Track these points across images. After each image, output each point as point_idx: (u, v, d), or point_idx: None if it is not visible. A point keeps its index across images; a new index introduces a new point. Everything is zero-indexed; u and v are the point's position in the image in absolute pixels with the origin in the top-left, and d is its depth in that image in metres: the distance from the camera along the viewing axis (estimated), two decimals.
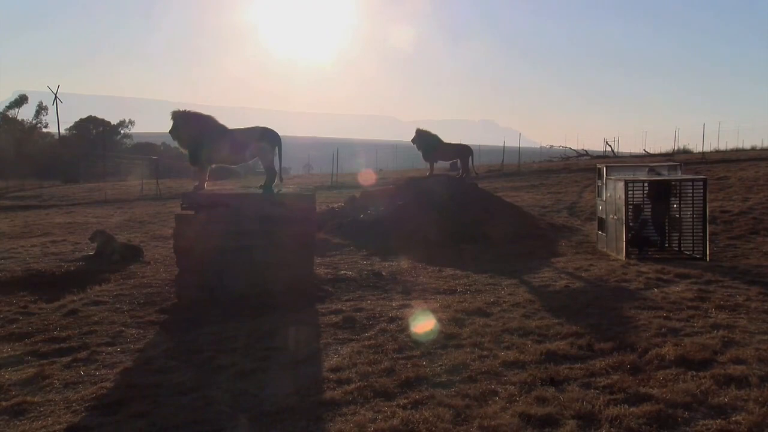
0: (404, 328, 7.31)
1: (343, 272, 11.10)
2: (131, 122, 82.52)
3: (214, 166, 10.70)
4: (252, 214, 9.49)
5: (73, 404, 5.55)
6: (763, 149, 38.27)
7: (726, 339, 6.54)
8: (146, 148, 74.36)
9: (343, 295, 9.48)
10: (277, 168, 10.38)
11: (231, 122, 10.57)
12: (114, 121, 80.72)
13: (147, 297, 9.53)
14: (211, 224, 9.33)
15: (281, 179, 10.62)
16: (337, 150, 37.19)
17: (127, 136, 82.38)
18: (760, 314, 7.60)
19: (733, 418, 4.72)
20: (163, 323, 8.18)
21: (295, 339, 7.16)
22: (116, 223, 21.09)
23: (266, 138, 10.24)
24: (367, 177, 17.61)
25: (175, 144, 10.59)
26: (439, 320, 7.55)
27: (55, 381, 6.15)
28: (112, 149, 71.33)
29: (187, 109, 10.20)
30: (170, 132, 10.14)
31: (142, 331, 7.81)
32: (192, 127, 10.06)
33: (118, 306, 9.04)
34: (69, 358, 6.81)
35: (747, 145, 44.10)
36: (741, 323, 7.17)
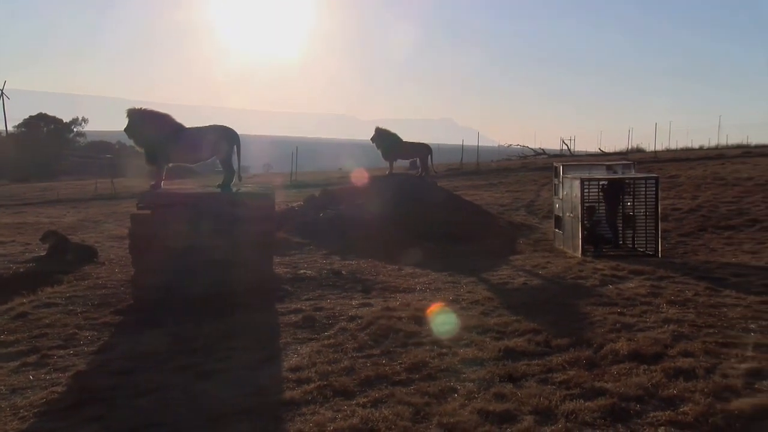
0: (364, 327, 7.32)
1: (302, 271, 11.06)
2: (84, 120, 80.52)
3: (171, 165, 10.53)
4: (210, 214, 9.38)
5: (21, 410, 5.40)
6: (710, 149, 39.41)
7: (676, 333, 6.74)
8: (101, 146, 72.76)
9: (302, 294, 9.44)
10: (235, 167, 10.27)
11: (189, 121, 10.44)
12: (66, 119, 78.71)
13: (102, 298, 9.34)
14: (168, 224, 9.19)
15: (240, 178, 10.52)
16: (297, 149, 36.98)
17: (80, 134, 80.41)
18: (707, 308, 7.85)
19: (681, 409, 4.88)
20: (119, 325, 8.03)
21: (255, 339, 7.12)
22: (70, 223, 20.59)
23: (224, 136, 10.14)
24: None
25: (131, 142, 10.40)
26: (399, 319, 7.59)
27: (1, 386, 5.98)
28: (65, 148, 69.59)
29: (143, 107, 10.03)
30: (125, 130, 9.95)
31: (96, 333, 7.65)
32: (148, 125, 9.89)
33: (71, 308, 8.83)
34: (17, 363, 6.62)
35: (696, 145, 45.34)
36: (690, 317, 7.40)
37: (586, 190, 13.00)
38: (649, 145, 41.96)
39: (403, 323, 7.41)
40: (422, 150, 18.44)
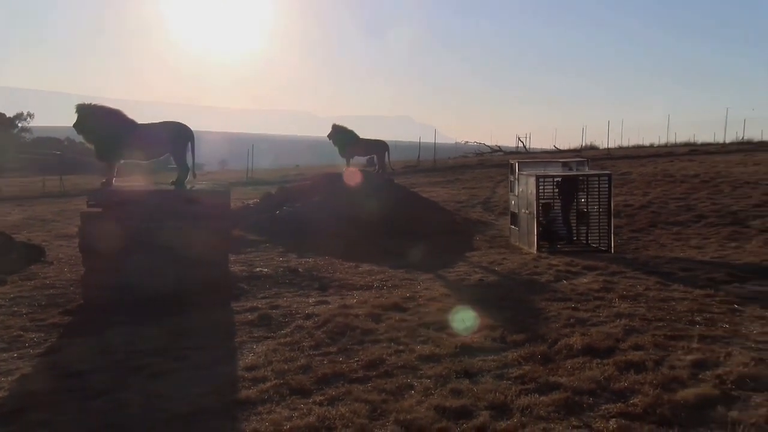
0: (321, 325, 7.31)
1: (258, 269, 10.97)
2: (30, 115, 78.06)
3: (123, 162, 10.32)
4: (164, 212, 9.23)
5: None
6: (660, 146, 40.45)
7: (627, 327, 6.92)
8: (49, 142, 70.67)
9: (258, 292, 9.37)
10: (189, 164, 10.12)
11: (141, 117, 10.23)
12: (10, 114, 76.19)
13: (49, 299, 9.10)
14: (120, 222, 9.00)
15: (194, 175, 10.37)
16: (253, 146, 36.62)
17: (26, 129, 77.96)
18: (657, 302, 8.08)
19: (631, 401, 5.01)
20: (68, 326, 7.83)
21: (211, 338, 7.03)
22: (15, 221, 19.96)
23: (178, 133, 9.98)
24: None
25: (80, 139, 10.14)
26: (356, 316, 7.59)
27: None
28: (9, 144, 67.38)
29: (94, 103, 9.79)
30: (75, 126, 9.70)
31: (43, 335, 7.44)
32: (99, 121, 9.65)
33: (15, 309, 8.57)
34: None
35: (647, 143, 46.47)
36: (641, 311, 7.60)
37: (541, 187, 13.21)
38: (602, 143, 42.89)
39: (360, 321, 7.42)
40: (379, 147, 18.48)
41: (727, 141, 38.83)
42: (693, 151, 33.62)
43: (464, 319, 7.36)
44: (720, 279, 9.53)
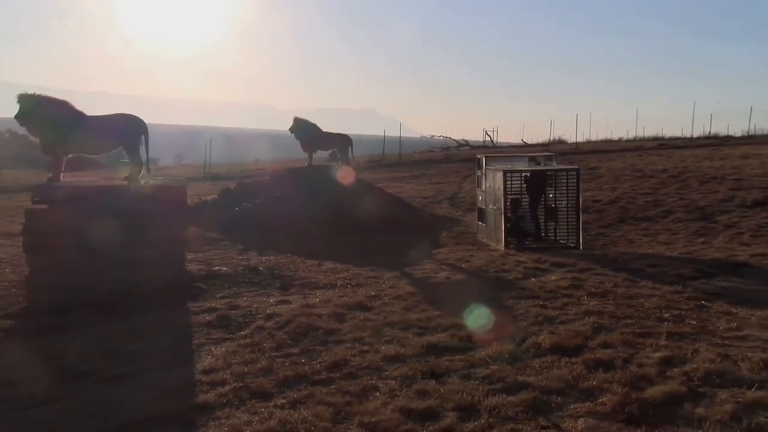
0: (282, 325, 7.27)
1: (217, 268, 10.87)
2: None
3: (71, 155, 10.09)
4: (116, 209, 9.05)
5: None
6: (629, 140, 41.16)
7: (596, 325, 7.03)
8: None
9: (217, 292, 9.28)
10: (143, 158, 9.95)
11: (91, 109, 10.02)
12: None
13: None
14: (68, 219, 8.81)
15: (148, 170, 10.21)
16: (211, 140, 36.20)
17: None
18: (625, 299, 8.23)
19: (600, 400, 5.10)
20: (11, 330, 7.63)
21: (166, 340, 6.94)
22: None
23: (131, 125, 9.80)
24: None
25: (24, 131, 9.88)
26: (318, 316, 7.57)
27: None
28: None
29: (37, 93, 9.53)
30: (17, 117, 9.42)
31: None
32: (44, 112, 9.40)
33: None
34: None
35: (615, 136, 47.27)
36: (609, 309, 7.73)
37: (508, 182, 13.32)
38: (570, 137, 43.45)
39: (323, 321, 7.40)
40: (342, 141, 18.44)
41: (695, 135, 39.72)
42: (661, 145, 34.30)
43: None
44: (688, 275, 9.76)
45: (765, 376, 5.46)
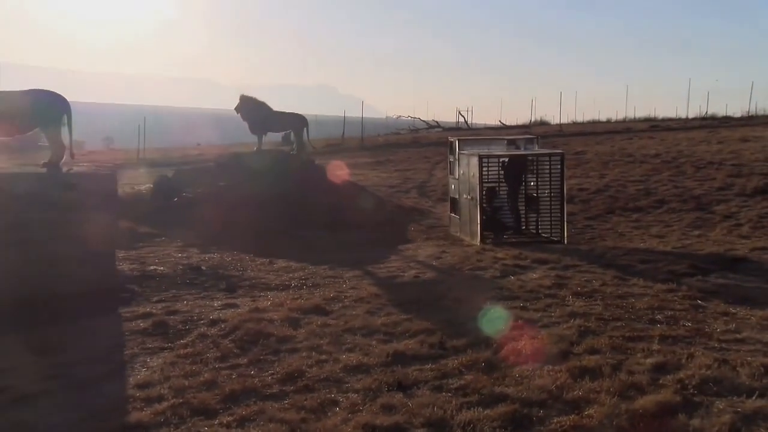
0: (228, 332, 7.22)
1: (153, 268, 10.76)
2: None
3: None
4: (31, 199, 8.87)
5: None
6: (618, 122, 41.81)
7: (582, 328, 7.13)
8: None
9: (153, 295, 9.18)
10: (66, 142, 9.77)
11: (2, 83, 9.78)
12: None
13: None
14: None
15: (72, 155, 10.03)
16: (145, 120, 35.70)
17: None
18: (614, 299, 8.37)
19: (586, 412, 5.17)
20: None
21: (93, 351, 6.83)
22: None
23: (50, 104, 9.60)
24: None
25: None
26: (270, 322, 7.54)
27: None
28: None
29: None
30: None
31: None
32: None
33: None
34: None
35: (603, 117, 47.88)
36: (596, 310, 7.85)
37: (485, 169, 13.39)
38: (553, 118, 43.98)
39: (275, 327, 7.38)
40: (297, 122, 18.34)
41: (690, 116, 40.51)
42: (653, 127, 34.91)
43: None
44: (682, 271, 9.96)
45: (766, 383, 5.60)
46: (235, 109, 17.72)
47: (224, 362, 6.44)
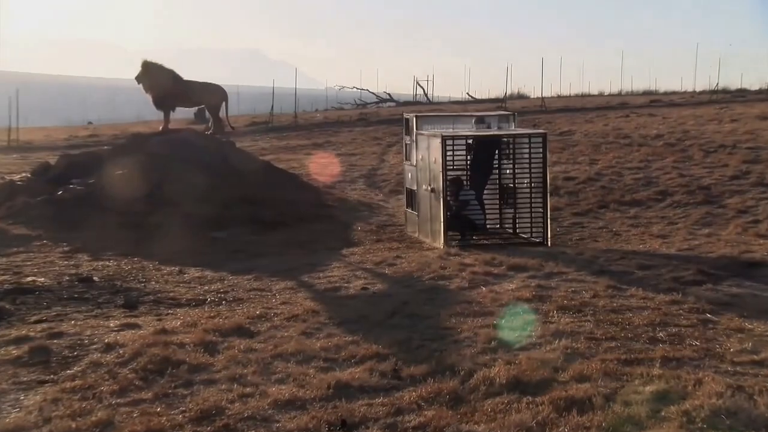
0: (128, 360, 7.13)
1: (30, 279, 10.61)
2: None
3: None
4: None
5: None
6: (612, 95, 42.40)
7: (569, 350, 7.20)
8: None
9: (30, 314, 9.02)
10: None
11: None
12: None
13: None
14: None
15: None
16: (18, 91, 35.00)
17: None
18: (608, 314, 8.47)
19: None
20: None
21: None
22: None
23: None
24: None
25: None
26: (180, 346, 7.47)
27: None
28: None
29: None
30: None
31: None
32: None
33: None
34: None
35: (594, 89, 48.50)
36: (587, 328, 7.94)
37: (449, 153, 13.38)
38: (534, 90, 44.40)
39: (186, 352, 7.31)
40: (213, 95, 18.24)
41: (698, 89, 41.28)
42: (654, 101, 35.52)
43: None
44: (689, 279, 10.11)
45: None
46: (137, 78, 17.53)
47: (123, 397, 6.35)
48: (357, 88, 54.21)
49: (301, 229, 14.83)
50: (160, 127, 18.17)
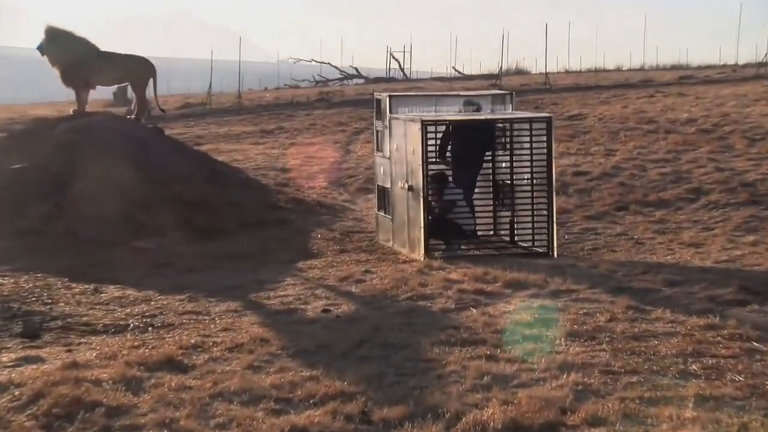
0: (28, 402, 7.07)
1: None
2: None
3: None
4: None
5: None
6: (633, 70, 42.52)
7: (580, 387, 7.21)
8: None
9: None
10: None
11: None
12: None
13: None
14: None
15: None
16: None
17: None
18: (628, 342, 8.47)
19: None
20: None
21: None
22: None
23: None
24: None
25: None
26: (96, 383, 7.42)
27: None
28: None
29: None
30: None
31: None
32: None
33: None
34: None
35: (610, 63, 48.64)
36: (602, 359, 7.95)
37: (431, 142, 13.37)
38: (536, 63, 44.51)
39: (103, 391, 7.26)
40: (138, 69, 18.15)
41: (740, 61, 41.50)
42: (685, 78, 35.69)
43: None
44: (728, 298, 10.14)
45: None
46: (40, 47, 17.40)
47: None
48: (316, 61, 54.19)
49: (246, 236, 14.79)
50: (71, 110, 18.05)
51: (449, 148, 14.25)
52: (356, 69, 51.46)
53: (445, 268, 12.08)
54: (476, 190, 14.43)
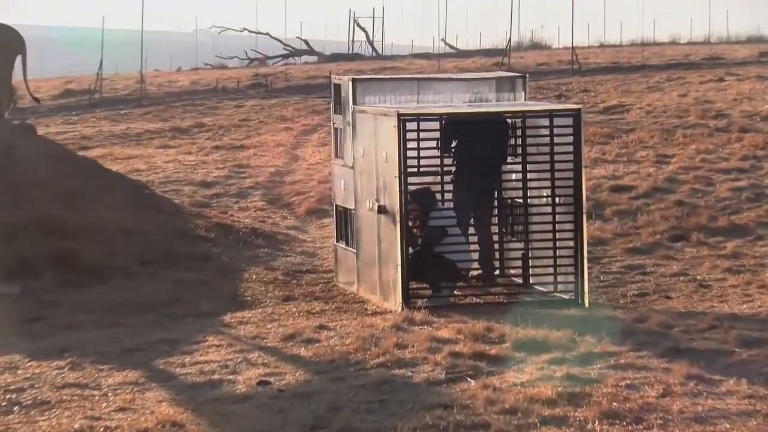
0: None
1: None
2: None
3: None
4: None
5: None
6: (693, 43, 42.71)
7: None
8: None
9: None
10: None
11: None
12: None
13: None
14: None
15: None
16: None
17: None
18: (688, 425, 8.48)
19: None
20: None
21: None
22: None
23: None
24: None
25: None
26: None
27: None
28: None
29: None
30: None
31: None
32: None
33: None
34: None
35: (661, 35, 48.79)
36: None
37: (412, 144, 13.32)
38: (558, 34, 44.66)
39: None
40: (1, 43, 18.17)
41: None
42: (765, 54, 35.85)
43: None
44: None
45: None
46: None
47: None
48: (249, 31, 54.24)
49: (150, 278, 14.77)
50: None
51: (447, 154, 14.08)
52: (306, 42, 51.53)
53: (432, 322, 12.06)
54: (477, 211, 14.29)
